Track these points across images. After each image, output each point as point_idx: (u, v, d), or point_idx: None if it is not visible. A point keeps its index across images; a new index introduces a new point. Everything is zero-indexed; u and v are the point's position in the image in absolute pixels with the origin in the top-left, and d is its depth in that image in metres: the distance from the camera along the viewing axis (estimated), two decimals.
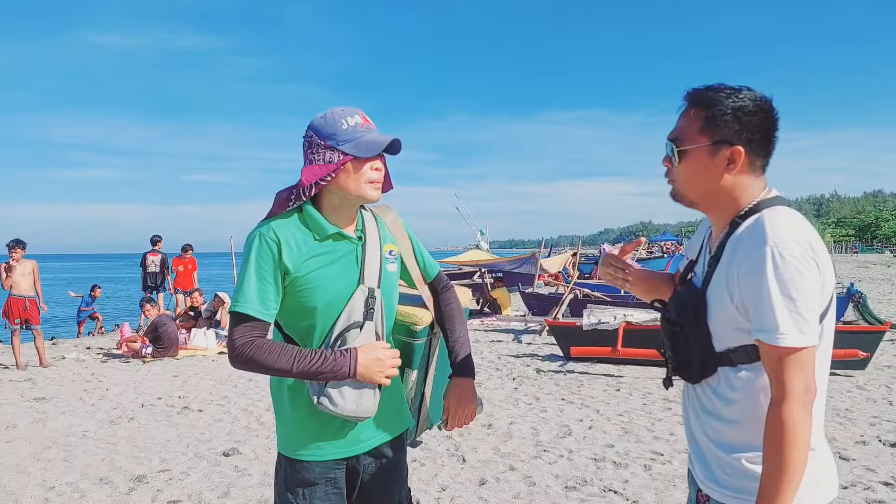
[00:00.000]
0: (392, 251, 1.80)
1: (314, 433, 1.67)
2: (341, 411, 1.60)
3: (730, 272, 1.28)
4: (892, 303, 14.73)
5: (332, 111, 1.65)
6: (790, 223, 1.25)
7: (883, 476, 3.99)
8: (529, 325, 11.30)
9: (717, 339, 1.33)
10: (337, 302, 1.64)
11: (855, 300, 10.41)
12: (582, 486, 3.95)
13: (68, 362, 9.47)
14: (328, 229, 1.65)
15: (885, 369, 7.39)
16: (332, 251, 1.66)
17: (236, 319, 1.59)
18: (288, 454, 1.71)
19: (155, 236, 12.51)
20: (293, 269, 1.60)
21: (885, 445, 4.62)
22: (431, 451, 4.72)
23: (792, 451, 1.18)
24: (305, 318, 1.65)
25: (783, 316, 1.19)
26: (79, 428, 5.70)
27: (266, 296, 1.58)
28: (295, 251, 1.61)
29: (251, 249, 1.60)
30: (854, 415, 5.47)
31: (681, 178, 1.40)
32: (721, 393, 1.34)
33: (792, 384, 1.19)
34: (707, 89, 1.37)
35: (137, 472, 4.41)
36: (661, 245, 42.71)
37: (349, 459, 1.72)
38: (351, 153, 1.60)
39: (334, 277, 1.64)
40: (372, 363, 1.61)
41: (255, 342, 1.56)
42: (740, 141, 1.32)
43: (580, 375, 7.43)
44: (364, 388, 1.63)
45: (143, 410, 6.29)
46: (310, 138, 1.65)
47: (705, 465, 1.38)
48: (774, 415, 1.21)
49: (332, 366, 1.56)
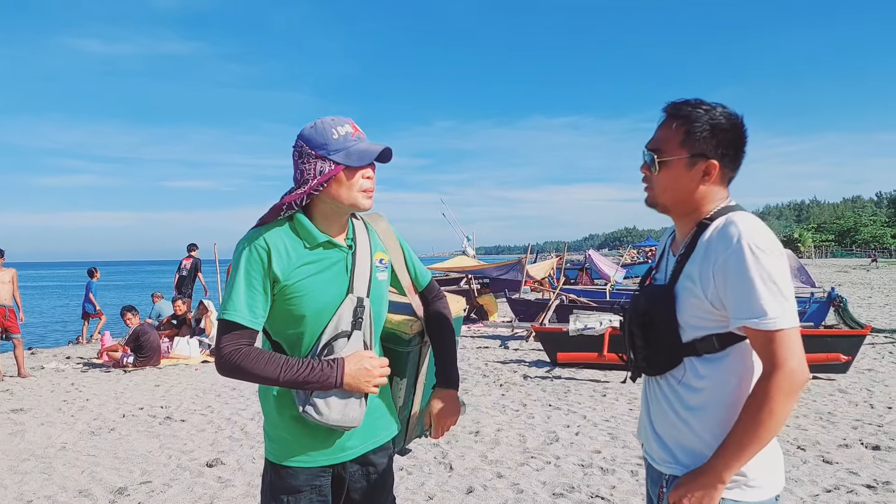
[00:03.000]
0: (383, 260, 1.80)
1: (300, 440, 1.67)
2: (326, 420, 1.60)
3: (704, 268, 1.37)
4: (871, 307, 14.96)
5: (323, 121, 1.65)
6: (757, 224, 1.35)
7: (865, 479, 4.03)
8: (516, 331, 11.30)
9: (685, 329, 1.41)
10: (326, 311, 1.64)
11: (835, 304, 10.55)
12: (569, 492, 3.94)
13: (47, 372, 9.29)
14: (318, 238, 1.65)
15: (867, 373, 7.48)
16: (322, 259, 1.66)
17: (224, 327, 1.59)
18: (274, 460, 1.71)
19: (192, 244, 13.64)
20: (283, 277, 1.60)
21: (868, 448, 4.67)
22: (418, 459, 4.68)
23: (767, 420, 1.27)
24: (294, 326, 1.65)
25: (769, 302, 1.28)
26: (58, 439, 5.59)
27: (255, 304, 1.59)
28: (285, 259, 1.61)
29: (241, 257, 1.60)
30: (836, 418, 5.53)
31: (659, 187, 1.50)
32: (686, 383, 1.42)
33: (786, 359, 1.28)
34: (686, 104, 1.46)
35: (118, 485, 4.33)
36: (646, 250, 43.04)
37: (335, 467, 1.71)
38: (343, 162, 1.61)
39: (324, 286, 1.64)
40: (359, 373, 1.60)
41: (242, 350, 1.57)
42: (715, 155, 1.43)
43: (567, 381, 7.44)
44: (350, 398, 1.62)
45: (124, 421, 6.19)
46: (300, 148, 1.65)
47: (668, 451, 1.45)
48: (762, 385, 1.30)
49: (318, 376, 1.56)
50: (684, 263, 1.42)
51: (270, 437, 1.73)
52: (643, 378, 1.58)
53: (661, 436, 1.48)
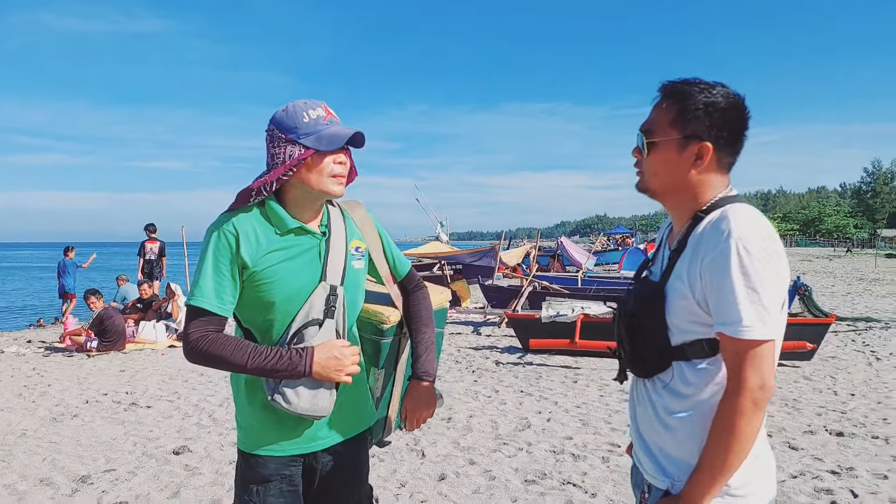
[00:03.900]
0: (359, 248, 1.76)
1: (270, 429, 1.65)
2: (295, 409, 1.57)
3: (692, 266, 1.28)
4: (834, 295, 15.36)
5: (295, 104, 1.61)
6: (753, 219, 1.25)
7: (829, 465, 4.12)
8: (489, 318, 11.32)
9: (674, 332, 1.33)
10: (297, 298, 1.61)
11: (801, 293, 10.76)
12: (541, 479, 3.95)
13: (7, 356, 9.01)
14: (289, 223, 1.62)
15: (830, 360, 7.67)
16: (294, 246, 1.63)
17: (192, 313, 1.56)
18: (244, 449, 1.68)
19: (150, 224, 12.64)
20: (251, 263, 1.57)
21: (832, 435, 4.78)
22: (391, 446, 4.64)
23: (734, 444, 1.20)
24: (264, 313, 1.62)
25: (746, 308, 1.19)
26: (18, 426, 5.42)
27: (223, 290, 1.56)
28: (254, 245, 1.58)
29: (209, 243, 1.58)
30: (801, 405, 5.64)
31: (648, 170, 1.40)
32: (673, 388, 1.34)
33: (748, 378, 1.20)
34: (681, 83, 1.36)
35: (81, 473, 4.22)
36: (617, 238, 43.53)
37: (306, 456, 1.70)
38: (312, 147, 1.57)
39: (295, 273, 1.61)
40: (329, 362, 1.57)
41: (209, 336, 1.54)
42: (709, 137, 1.33)
43: (539, 367, 7.48)
44: (320, 388, 1.59)
45: (87, 407, 6.02)
46: (272, 132, 1.61)
47: (653, 459, 1.38)
48: (725, 406, 1.22)
49: (286, 364, 1.53)
50: (676, 260, 1.34)
51: (241, 426, 1.70)
52: (631, 377, 1.50)
53: (645, 441, 1.41)
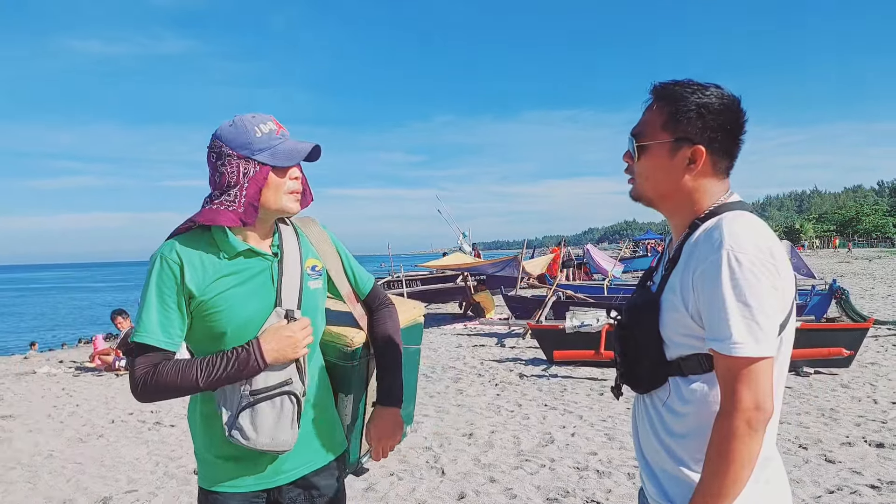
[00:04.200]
0: (315, 266, 1.67)
1: (230, 463, 1.56)
2: (254, 445, 1.49)
3: (685, 277, 1.22)
4: (874, 298, 14.82)
5: (242, 118, 1.53)
6: (749, 227, 1.17)
7: (869, 479, 3.91)
8: (513, 329, 11.19)
9: (669, 346, 1.26)
10: (250, 326, 1.52)
11: (837, 297, 10.43)
12: (564, 497, 3.82)
13: (39, 377, 9.20)
14: (238, 246, 1.52)
15: (869, 366, 7.36)
16: (243, 270, 1.53)
17: (138, 350, 1.48)
18: (204, 486, 1.59)
19: None
20: (198, 292, 1.48)
21: (871, 446, 4.55)
22: (409, 463, 4.57)
23: (729, 468, 1.12)
24: (216, 344, 1.52)
25: (738, 324, 1.12)
26: (45, 447, 5.50)
27: (169, 323, 1.47)
28: (200, 272, 1.49)
29: (152, 273, 1.48)
30: (839, 415, 5.41)
31: (640, 176, 1.33)
32: (671, 406, 1.26)
33: (741, 398, 1.12)
34: (673, 84, 1.29)
35: (103, 494, 4.24)
36: (646, 244, 42.88)
37: (270, 491, 1.60)
38: (268, 163, 1.49)
39: (245, 299, 1.52)
40: (281, 344, 1.49)
41: (152, 370, 1.46)
42: (703, 140, 1.25)
43: (563, 379, 7.33)
44: (280, 420, 1.51)
45: (112, 427, 6.09)
46: (218, 149, 1.51)
47: (656, 481, 1.31)
48: (718, 427, 1.15)
49: (237, 365, 1.46)
50: (671, 271, 1.26)
51: (200, 460, 1.62)
52: None
53: (647, 461, 1.34)
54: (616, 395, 1.46)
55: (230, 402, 1.50)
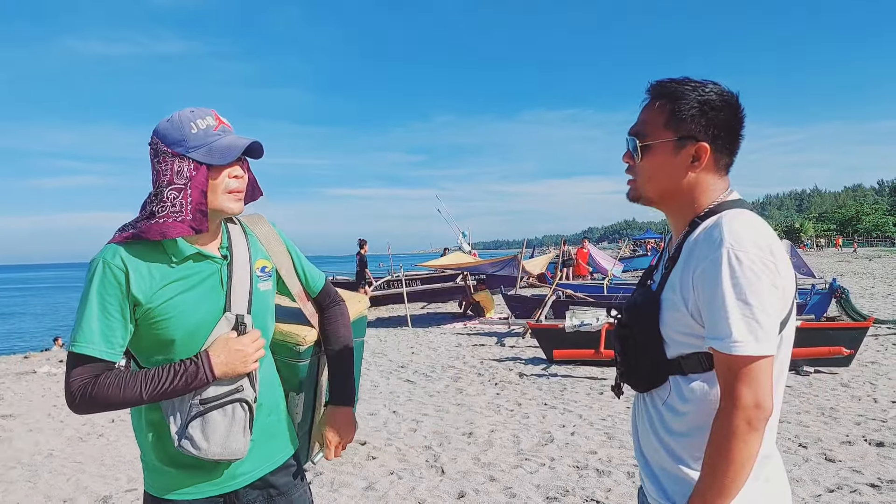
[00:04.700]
0: (265, 267, 1.62)
1: (183, 471, 1.50)
2: (206, 455, 1.44)
3: (685, 276, 1.22)
4: (874, 297, 14.82)
5: (181, 113, 1.46)
6: (750, 225, 1.17)
7: (869, 478, 3.91)
8: (512, 328, 11.19)
9: (669, 345, 1.26)
10: (199, 332, 1.46)
11: (837, 296, 10.41)
12: (563, 496, 3.82)
13: (39, 377, 9.20)
14: (186, 250, 1.46)
15: (870, 365, 7.36)
16: (192, 275, 1.48)
17: (74, 361, 1.39)
18: (154, 494, 1.53)
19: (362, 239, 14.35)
20: (145, 299, 1.41)
21: (871, 445, 4.55)
22: (409, 462, 4.57)
23: (728, 467, 1.12)
24: (164, 352, 1.46)
25: (738, 322, 1.12)
26: (45, 446, 5.51)
27: (111, 333, 1.39)
28: (147, 279, 1.42)
29: (93, 279, 1.40)
30: (839, 414, 5.40)
31: (642, 176, 1.32)
32: (671, 405, 1.26)
33: (741, 397, 1.12)
34: (671, 82, 1.29)
35: (103, 493, 4.24)
36: (645, 243, 42.84)
37: (227, 496, 1.56)
38: (204, 161, 1.43)
39: (194, 305, 1.46)
40: (231, 358, 1.45)
41: (92, 381, 1.38)
42: (706, 137, 1.25)
43: (563, 379, 7.33)
44: (232, 429, 1.47)
45: (112, 426, 6.08)
46: (155, 145, 1.46)
47: (655, 480, 1.31)
48: (718, 426, 1.15)
49: (185, 380, 1.40)
50: (671, 269, 1.26)
51: (149, 468, 1.55)
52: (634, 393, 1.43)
53: (647, 459, 1.34)
54: (617, 394, 1.46)
55: (179, 412, 1.45)
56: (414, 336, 11.48)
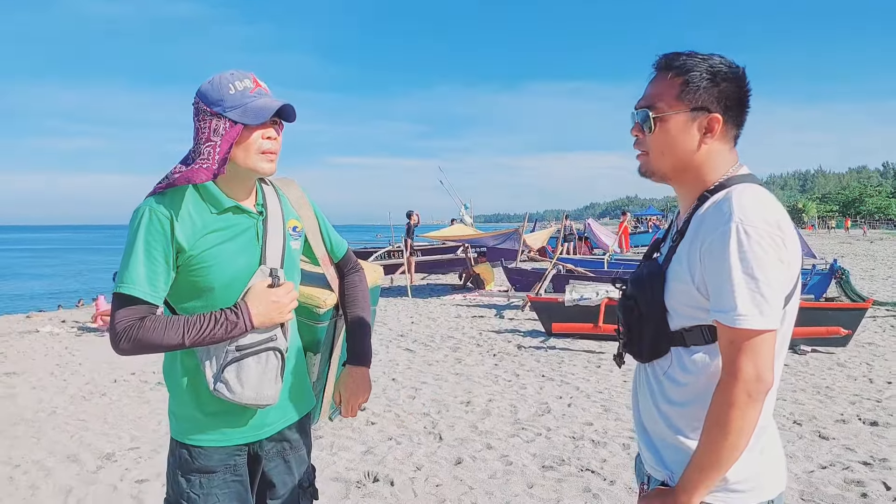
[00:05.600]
0: (296, 227, 1.69)
1: (213, 418, 1.57)
2: (240, 399, 1.51)
3: (692, 249, 1.22)
4: (874, 279, 14.83)
5: (221, 75, 1.52)
6: (759, 200, 1.17)
7: (862, 455, 3.96)
8: (512, 301, 11.23)
9: (673, 316, 1.27)
10: (236, 283, 1.53)
11: (837, 276, 10.41)
12: (559, 465, 3.88)
13: (42, 336, 9.28)
14: (225, 202, 1.54)
15: (867, 346, 7.40)
16: (232, 226, 1.55)
17: (120, 302, 1.46)
18: (183, 440, 1.60)
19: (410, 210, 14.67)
20: (188, 246, 1.48)
21: (865, 424, 4.60)
22: (408, 428, 4.64)
23: (726, 437, 1.14)
24: (200, 299, 1.53)
25: (743, 296, 1.13)
26: (49, 404, 5.58)
27: (155, 277, 1.46)
28: (189, 227, 1.49)
29: (140, 226, 1.46)
30: (834, 393, 5.46)
31: (655, 149, 1.31)
32: (672, 375, 1.28)
33: (742, 369, 1.13)
34: (679, 55, 1.28)
35: (106, 450, 4.31)
36: (647, 219, 42.77)
37: (251, 445, 1.63)
38: (238, 120, 1.48)
39: (232, 256, 1.53)
40: (268, 310, 1.52)
41: (137, 324, 1.44)
42: (718, 108, 1.26)
43: (561, 352, 7.38)
44: (265, 375, 1.54)
45: (115, 386, 6.16)
46: (197, 105, 1.52)
47: (653, 449, 1.33)
48: (718, 397, 1.16)
49: (225, 327, 1.47)
50: (679, 242, 1.27)
51: (178, 416, 1.61)
52: (635, 363, 1.45)
53: (646, 429, 1.36)
54: (618, 364, 1.48)
55: (215, 357, 1.51)
56: (414, 306, 11.53)
